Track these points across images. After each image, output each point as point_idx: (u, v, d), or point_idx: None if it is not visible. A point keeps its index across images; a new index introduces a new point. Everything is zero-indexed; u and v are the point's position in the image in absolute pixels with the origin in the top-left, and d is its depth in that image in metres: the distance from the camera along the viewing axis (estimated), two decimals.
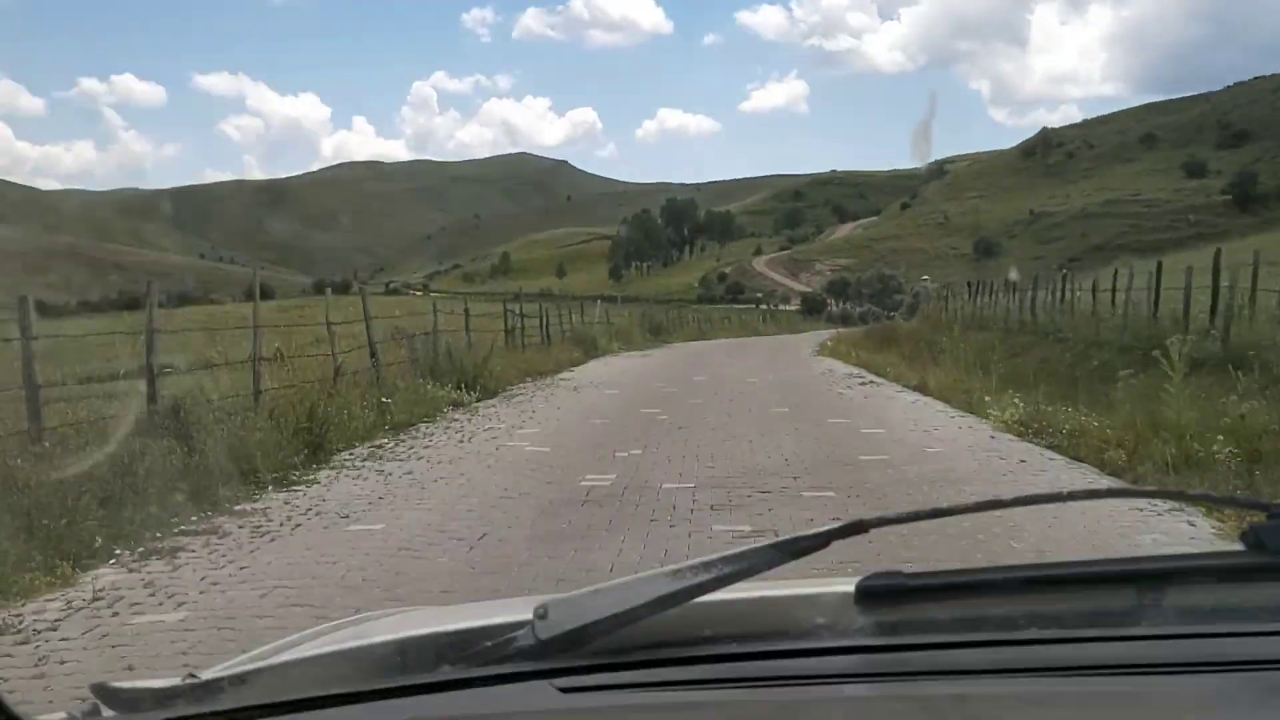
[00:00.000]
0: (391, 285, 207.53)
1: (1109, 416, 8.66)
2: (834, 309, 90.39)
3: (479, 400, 12.85)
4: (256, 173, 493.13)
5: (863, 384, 15.20)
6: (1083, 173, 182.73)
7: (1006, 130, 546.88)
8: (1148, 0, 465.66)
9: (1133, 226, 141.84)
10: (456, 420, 10.97)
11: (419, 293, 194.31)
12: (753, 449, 8.57)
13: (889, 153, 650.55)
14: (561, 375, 17.40)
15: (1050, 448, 8.27)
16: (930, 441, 8.75)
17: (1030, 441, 8.59)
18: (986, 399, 11.00)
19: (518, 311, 20.31)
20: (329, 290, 26.88)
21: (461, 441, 9.33)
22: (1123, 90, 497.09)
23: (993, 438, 8.87)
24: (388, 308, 20.16)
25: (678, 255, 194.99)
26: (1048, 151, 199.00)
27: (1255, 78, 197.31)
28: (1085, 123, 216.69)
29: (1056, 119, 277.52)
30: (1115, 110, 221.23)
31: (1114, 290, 18.07)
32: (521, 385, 15.14)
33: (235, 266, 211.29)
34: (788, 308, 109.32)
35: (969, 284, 36.39)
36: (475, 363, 13.87)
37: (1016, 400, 9.98)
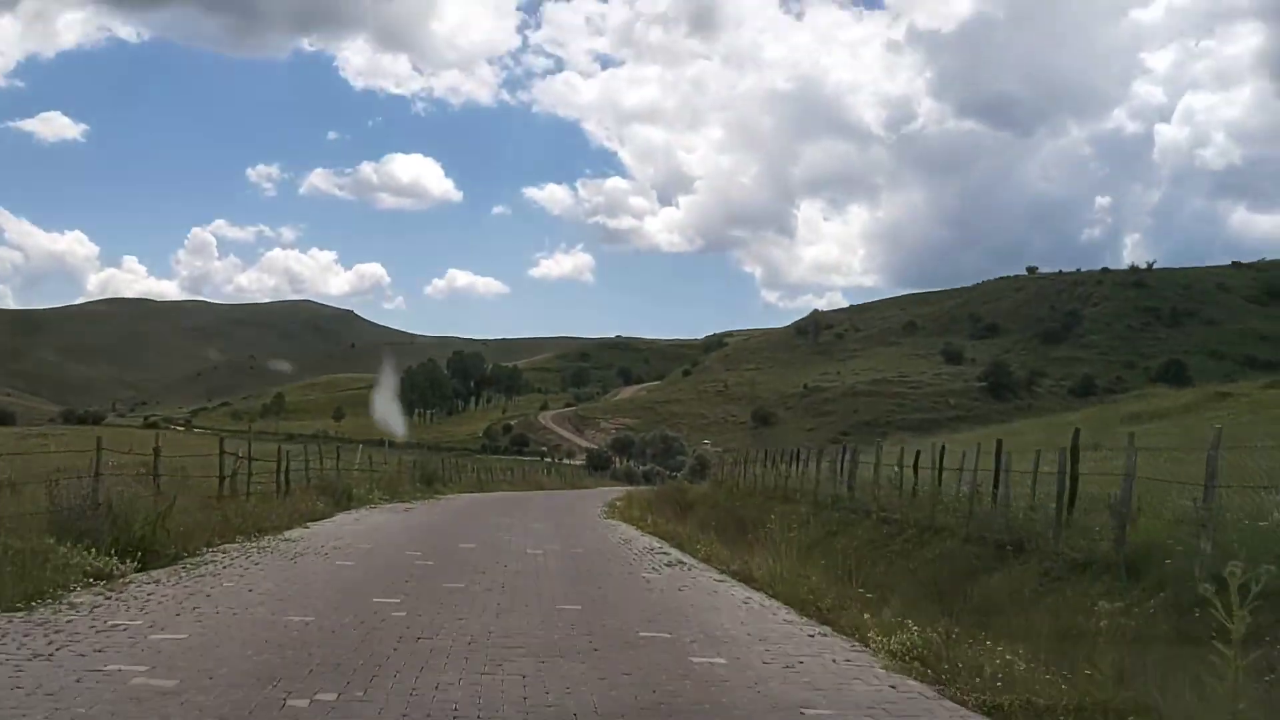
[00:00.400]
0: (150, 418, 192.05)
1: (1050, 657, 5.95)
2: (618, 466, 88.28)
3: (140, 570, 8.94)
4: (11, 303, 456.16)
5: (670, 564, 12.16)
6: (851, 353, 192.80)
7: (778, 311, 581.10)
8: (899, 205, 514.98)
9: (899, 405, 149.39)
10: (76, 607, 7.08)
11: (181, 428, 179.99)
12: (527, 695, 5.26)
13: (671, 323, 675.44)
14: (289, 534, 13.48)
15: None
16: (803, 692, 5.63)
17: (951, 700, 5.60)
18: (842, 606, 8.18)
19: (240, 454, 16.17)
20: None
21: (34, 657, 5.51)
22: (880, 282, 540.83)
23: (895, 688, 5.81)
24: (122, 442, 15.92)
25: (463, 406, 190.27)
26: (818, 331, 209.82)
27: (1000, 277, 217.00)
28: (852, 308, 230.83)
29: (823, 304, 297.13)
30: (876, 299, 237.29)
31: (940, 467, 16.05)
32: (222, 549, 11.19)
33: None
34: (572, 462, 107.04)
35: (766, 451, 34.60)
36: (147, 517, 9.87)
37: (902, 620, 7.05)
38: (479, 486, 37.52)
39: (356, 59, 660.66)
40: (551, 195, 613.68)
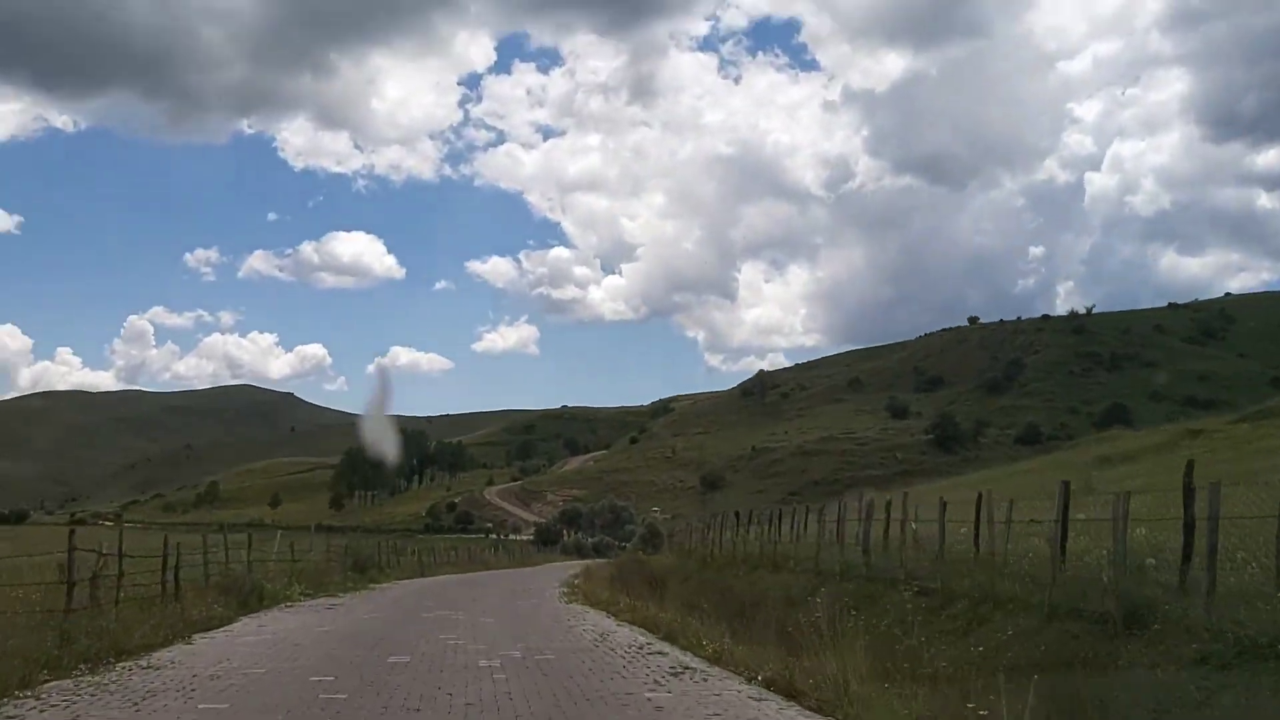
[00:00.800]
0: (77, 515, 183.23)
1: None
2: (567, 539, 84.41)
3: None
4: None
5: (675, 672, 9.05)
6: (798, 411, 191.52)
7: (722, 375, 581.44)
8: (837, 264, 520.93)
9: (847, 463, 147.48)
10: None
11: (109, 523, 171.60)
12: None
13: (617, 391, 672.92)
14: (157, 657, 10.09)
15: None
16: None
17: None
18: None
19: (105, 550, 12.70)
20: None
21: None
22: (822, 341, 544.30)
23: None
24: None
25: (406, 485, 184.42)
26: (764, 392, 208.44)
27: (942, 329, 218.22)
28: (797, 366, 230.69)
29: (766, 364, 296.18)
30: (819, 357, 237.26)
31: (978, 520, 13.17)
32: (42, 691, 7.82)
33: None
34: (519, 537, 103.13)
35: (736, 513, 31.66)
36: None
37: None
38: (420, 571, 33.80)
39: (296, 139, 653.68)
40: (495, 268, 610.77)
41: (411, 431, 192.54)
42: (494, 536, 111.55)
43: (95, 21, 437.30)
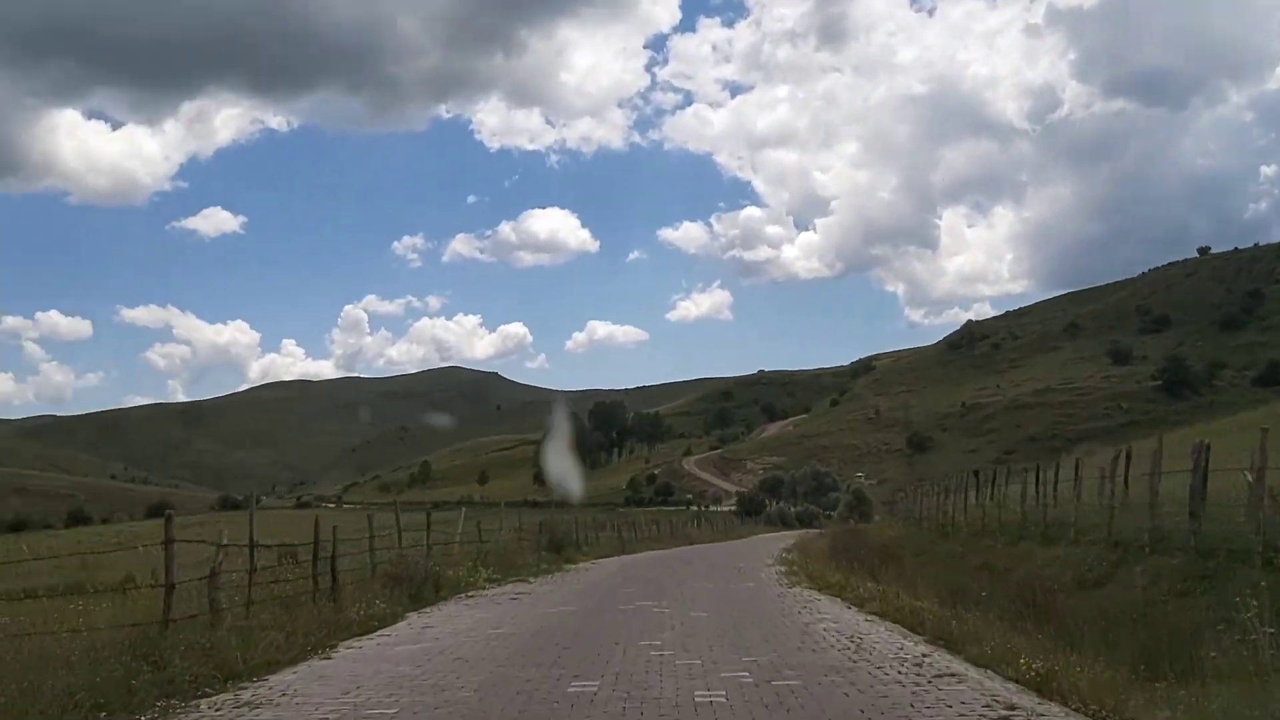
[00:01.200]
0: (303, 499, 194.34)
1: None
2: (770, 509, 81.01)
3: None
4: (180, 396, 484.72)
5: (990, 708, 5.77)
6: (1009, 363, 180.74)
7: (924, 329, 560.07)
8: (1045, 203, 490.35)
9: (1066, 416, 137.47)
10: None
11: (332, 505, 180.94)
12: None
13: (814, 353, 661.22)
14: (273, 681, 7.71)
15: None
16: None
17: None
18: None
19: (225, 542, 10.44)
20: None
21: None
22: (1031, 286, 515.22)
23: None
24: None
25: (606, 458, 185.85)
26: (973, 343, 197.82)
27: (1168, 263, 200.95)
28: (1007, 314, 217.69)
29: (972, 314, 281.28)
30: (1030, 303, 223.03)
31: None
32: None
33: (146, 486, 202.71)
34: (720, 508, 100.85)
35: (975, 472, 27.75)
36: None
37: None
38: (620, 548, 31.51)
39: (491, 119, 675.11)
40: (686, 234, 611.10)
41: (609, 403, 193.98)
42: (694, 508, 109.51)
43: (301, 22, 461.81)
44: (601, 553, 28.46)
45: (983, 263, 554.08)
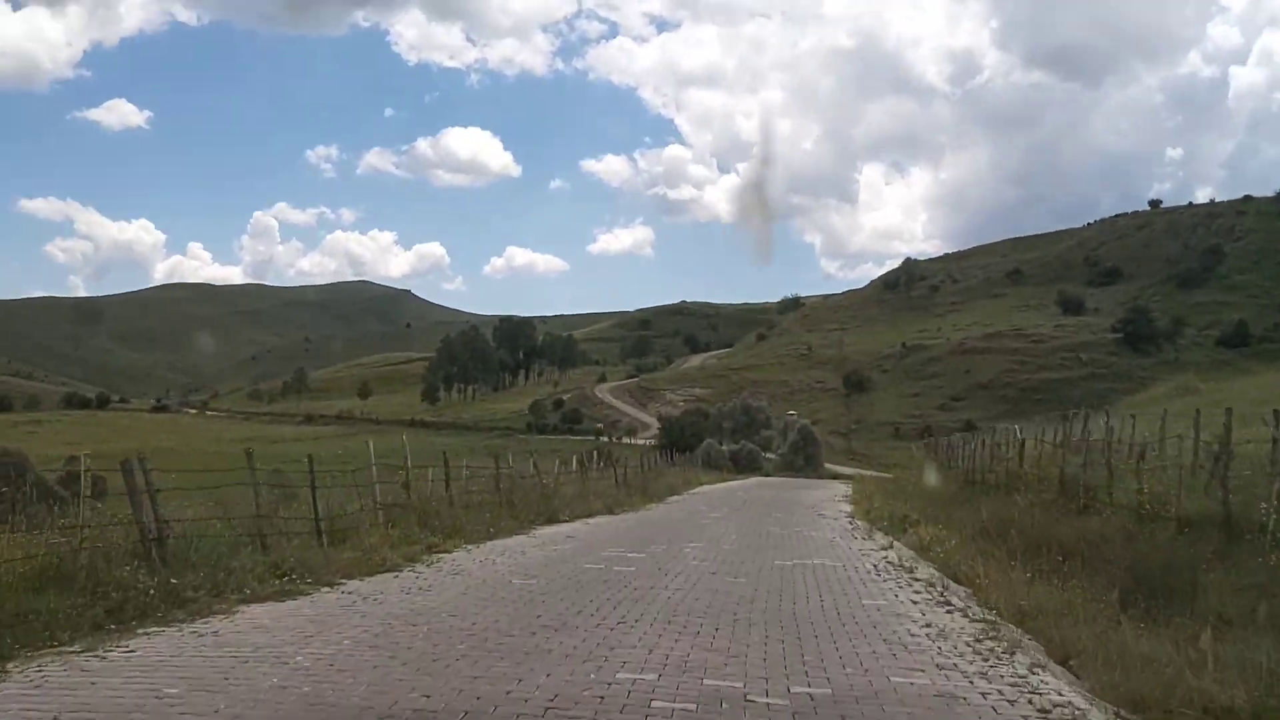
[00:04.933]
0: (162, 402, 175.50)
1: None
2: (718, 447, 65.12)
3: None
4: (82, 293, 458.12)
5: None
6: (950, 306, 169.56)
7: (838, 281, 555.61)
8: (962, 166, 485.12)
9: (1020, 364, 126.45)
10: None
11: (194, 410, 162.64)
12: None
13: (739, 290, 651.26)
14: None
15: None
16: None
17: None
18: None
19: None
20: None
21: None
22: (944, 247, 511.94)
23: None
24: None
25: (511, 379, 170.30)
26: (911, 284, 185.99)
27: (1118, 214, 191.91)
28: (947, 256, 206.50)
29: (893, 263, 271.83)
30: (974, 246, 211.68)
31: None
32: None
33: (27, 381, 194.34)
34: (635, 440, 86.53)
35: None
36: None
37: None
38: (519, 528, 16.56)
39: (410, 32, 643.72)
40: (610, 167, 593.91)
41: (516, 321, 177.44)
42: (603, 439, 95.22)
43: None
44: (502, 533, 15.91)
45: (899, 221, 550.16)
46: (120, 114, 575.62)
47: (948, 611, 8.55)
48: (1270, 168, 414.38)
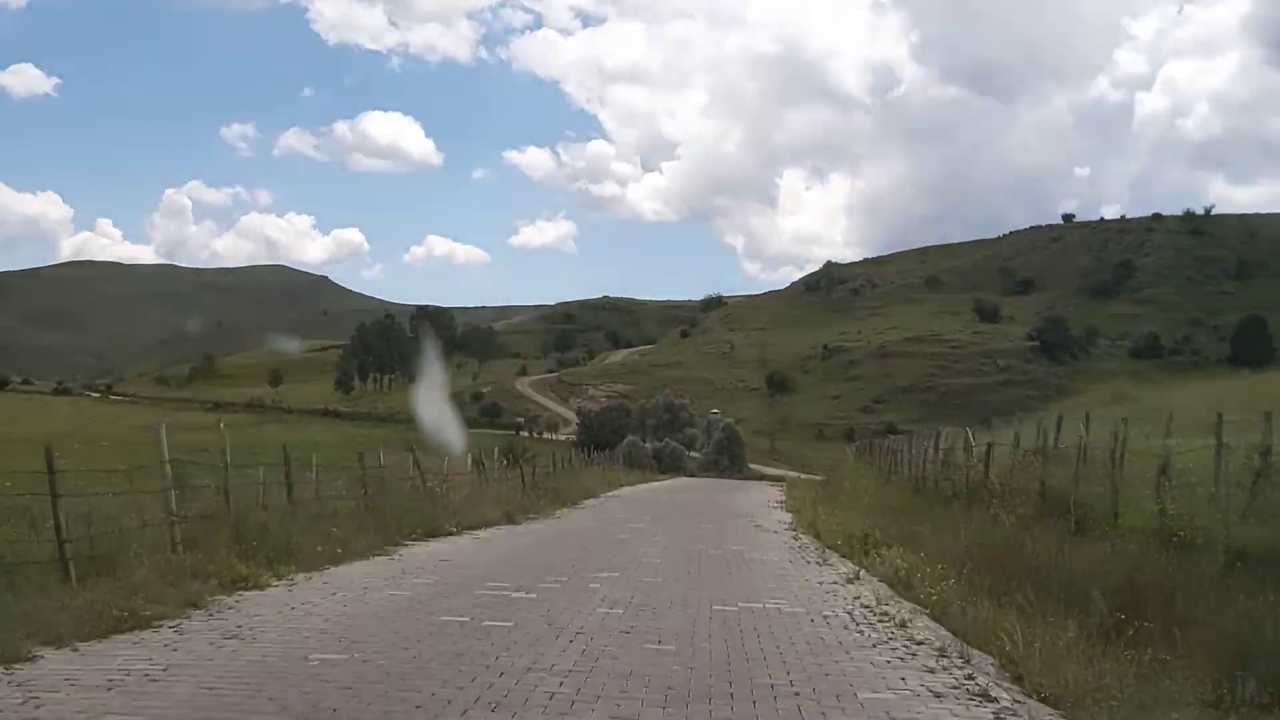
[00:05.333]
0: (64, 384, 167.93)
1: None
2: (640, 444, 63.58)
3: None
4: None
5: None
6: (869, 310, 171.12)
7: (759, 283, 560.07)
8: (880, 176, 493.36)
9: (940, 368, 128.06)
10: None
11: (96, 395, 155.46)
12: None
13: (662, 288, 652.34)
14: None
15: None
16: None
17: None
18: None
19: None
20: None
21: None
22: (863, 253, 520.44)
23: None
24: None
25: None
26: (831, 287, 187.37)
27: (1032, 226, 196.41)
28: (867, 261, 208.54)
29: (813, 267, 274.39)
30: (893, 252, 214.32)
31: None
32: None
33: None
34: (556, 436, 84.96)
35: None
36: None
37: None
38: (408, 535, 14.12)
39: (330, 11, 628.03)
40: (533, 159, 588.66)
41: (434, 311, 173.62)
42: (525, 434, 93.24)
43: None
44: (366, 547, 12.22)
45: (818, 227, 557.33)
46: (26, 80, 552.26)
47: (995, 716, 5.84)
48: (1171, 190, 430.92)
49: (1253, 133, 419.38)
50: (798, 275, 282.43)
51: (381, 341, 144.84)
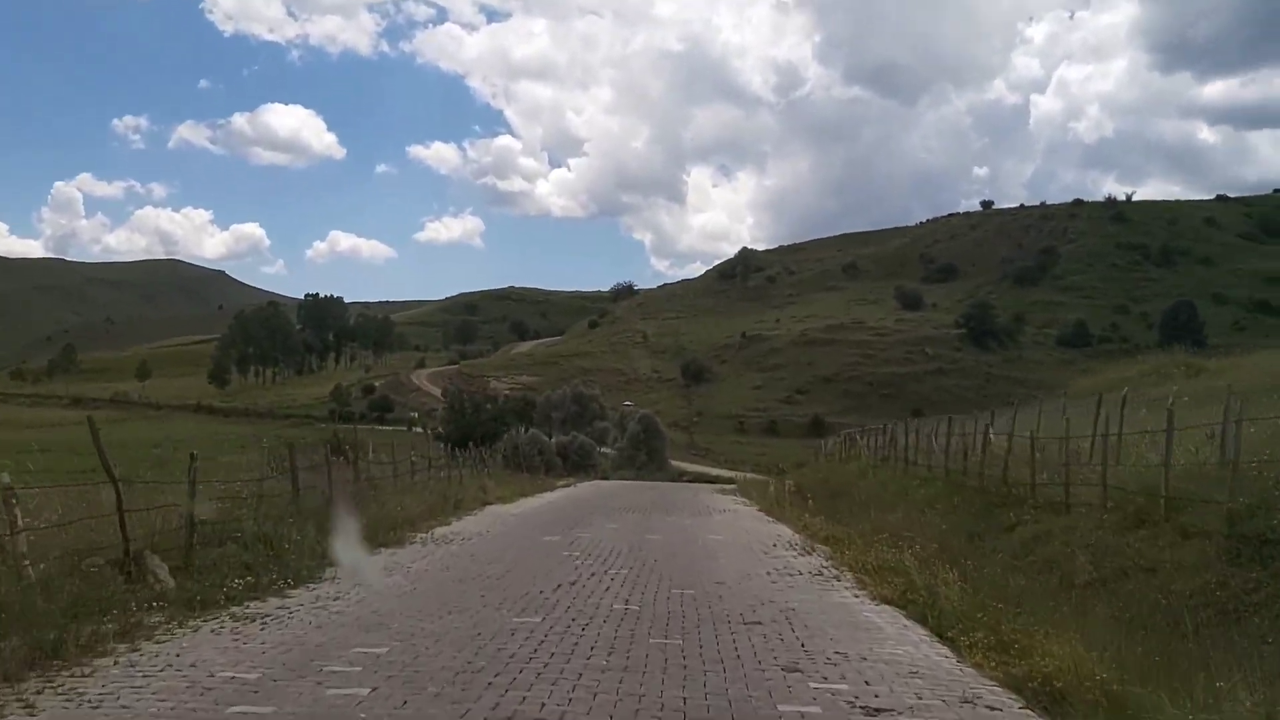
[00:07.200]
0: None
1: None
2: (520, 439, 52.81)
3: None
4: None
5: None
6: (787, 298, 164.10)
7: (668, 278, 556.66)
8: (785, 173, 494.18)
9: (865, 357, 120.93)
10: None
11: None
12: None
13: (570, 282, 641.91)
14: None
15: None
16: None
17: None
18: None
19: None
20: None
21: None
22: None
23: None
24: None
25: (319, 363, 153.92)
26: (747, 274, 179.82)
27: (950, 214, 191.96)
28: (782, 249, 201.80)
29: (732, 251, 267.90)
30: (809, 240, 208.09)
31: None
32: None
33: None
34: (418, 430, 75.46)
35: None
36: None
37: None
38: None
39: (226, 1, 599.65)
40: (438, 154, 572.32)
41: (325, 300, 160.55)
42: (417, 430, 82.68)
43: None
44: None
45: (726, 223, 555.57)
46: None
47: None
48: (1065, 191, 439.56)
49: (1140, 135, 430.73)
50: (704, 269, 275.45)
51: (263, 331, 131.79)
